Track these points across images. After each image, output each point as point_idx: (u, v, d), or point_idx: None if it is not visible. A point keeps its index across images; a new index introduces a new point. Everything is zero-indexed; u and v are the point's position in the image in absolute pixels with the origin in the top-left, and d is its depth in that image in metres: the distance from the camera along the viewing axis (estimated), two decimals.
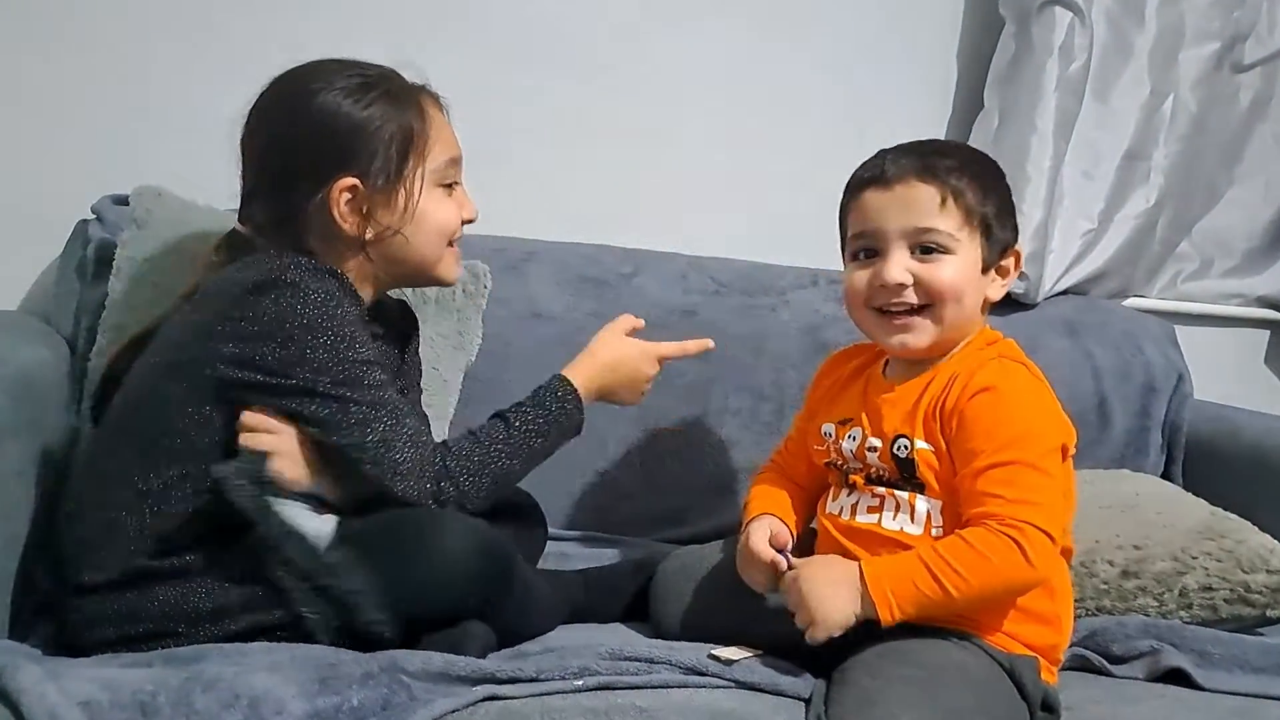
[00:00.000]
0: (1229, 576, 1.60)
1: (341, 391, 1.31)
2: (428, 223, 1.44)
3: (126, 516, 1.30)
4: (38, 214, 1.89)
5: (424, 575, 1.26)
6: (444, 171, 1.46)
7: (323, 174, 1.39)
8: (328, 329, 1.31)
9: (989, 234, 1.40)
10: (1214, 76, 2.36)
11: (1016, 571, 1.26)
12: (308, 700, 1.09)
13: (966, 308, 1.40)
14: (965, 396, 1.34)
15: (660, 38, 2.18)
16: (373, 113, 1.40)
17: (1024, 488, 1.28)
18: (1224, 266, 2.52)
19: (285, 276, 1.31)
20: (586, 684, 1.22)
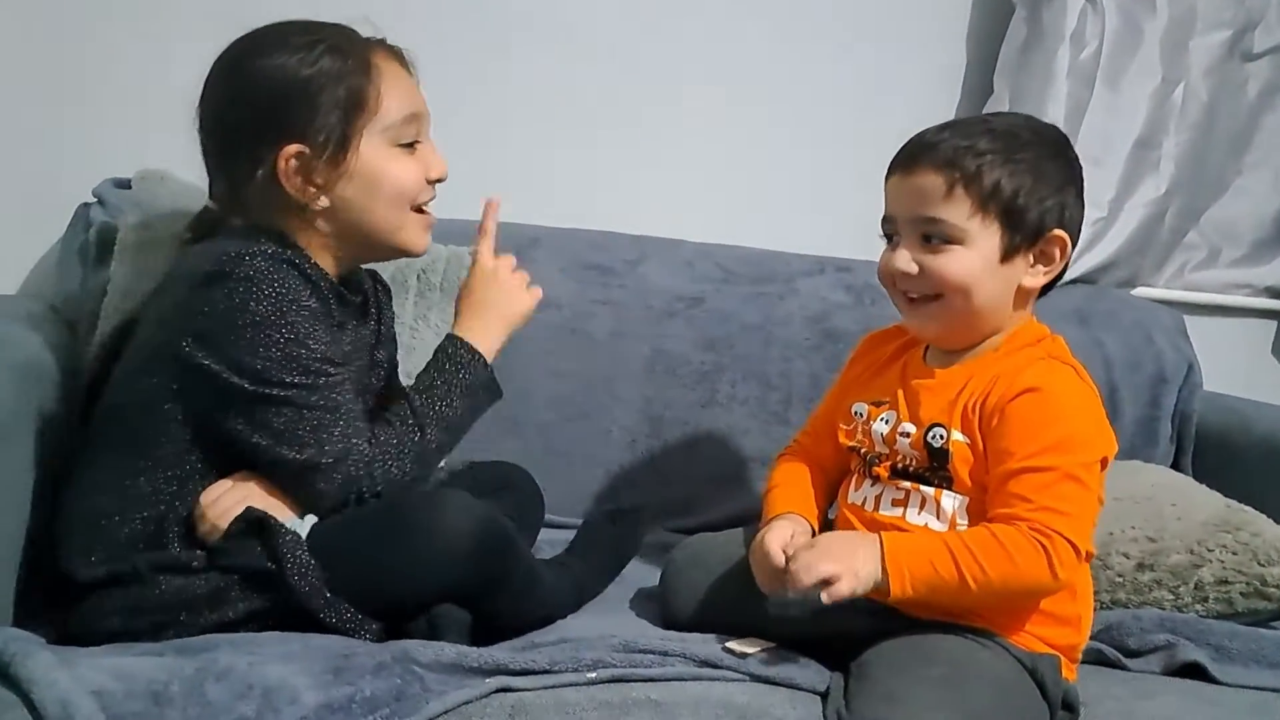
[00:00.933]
0: (1245, 569, 1.59)
1: (293, 395, 1.27)
2: (383, 185, 1.36)
3: (120, 524, 1.29)
4: (39, 197, 1.88)
5: (427, 556, 1.24)
6: (400, 129, 1.37)
7: (267, 142, 1.33)
8: (280, 325, 1.26)
9: (1011, 220, 1.33)
10: (1224, 65, 2.35)
11: (1038, 578, 1.24)
12: (321, 690, 1.08)
13: (983, 300, 1.35)
14: (1009, 395, 1.30)
15: (668, 23, 2.17)
16: (314, 71, 1.33)
17: (1058, 497, 1.25)
18: (1232, 256, 2.51)
19: (238, 270, 1.26)
20: (600, 676, 1.20)
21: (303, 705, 1.06)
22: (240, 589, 1.25)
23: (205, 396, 1.28)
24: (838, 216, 1.96)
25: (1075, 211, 1.38)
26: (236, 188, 1.35)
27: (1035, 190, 1.34)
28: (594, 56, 2.13)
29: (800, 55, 2.23)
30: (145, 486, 1.29)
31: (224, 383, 1.26)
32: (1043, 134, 1.40)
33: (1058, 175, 1.36)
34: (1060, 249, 1.36)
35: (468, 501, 1.29)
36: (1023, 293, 1.38)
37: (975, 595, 1.25)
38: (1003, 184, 1.32)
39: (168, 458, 1.30)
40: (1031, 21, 2.19)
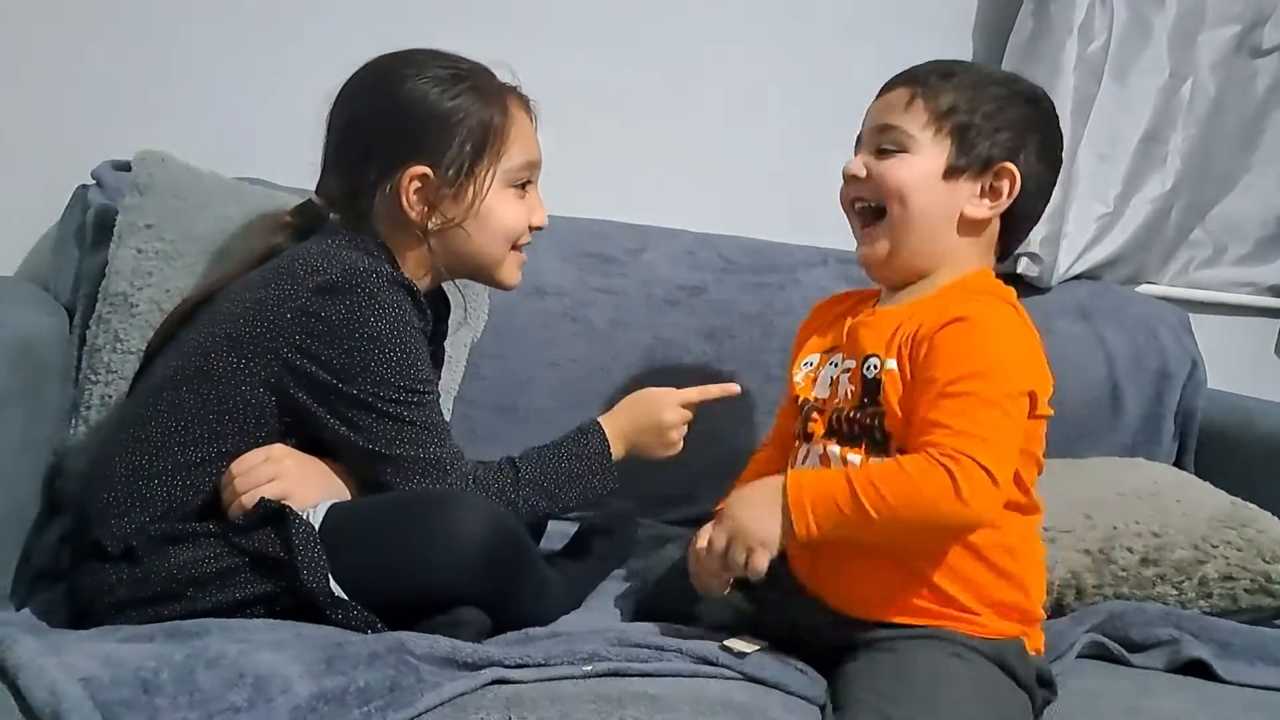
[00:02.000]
0: (1250, 566, 1.58)
1: (399, 411, 1.32)
2: (492, 221, 1.44)
3: (159, 486, 1.30)
4: (37, 178, 1.86)
5: (438, 556, 1.23)
6: (518, 173, 1.45)
7: (397, 158, 1.39)
8: (394, 344, 1.31)
9: (962, 140, 1.36)
10: (1233, 60, 2.33)
11: (944, 503, 1.19)
12: (313, 680, 1.06)
13: (918, 210, 1.37)
14: (938, 324, 1.29)
15: (672, 11, 2.16)
16: (456, 105, 1.40)
17: (974, 421, 1.22)
18: (1237, 254, 2.50)
19: (362, 285, 1.31)
20: (596, 669, 1.19)
21: (295, 695, 1.04)
22: (250, 571, 1.25)
23: (305, 396, 1.31)
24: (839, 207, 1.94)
25: (1036, 164, 1.39)
26: (357, 193, 1.41)
27: (993, 120, 1.37)
28: (600, 43, 2.12)
29: (806, 44, 2.22)
30: (196, 455, 1.31)
31: (330, 386, 1.31)
32: (1021, 85, 1.44)
33: (1022, 118, 1.39)
34: (1010, 183, 1.37)
35: (485, 505, 1.30)
36: (965, 222, 1.38)
37: (883, 526, 1.21)
38: (960, 105, 1.37)
39: (233, 433, 1.32)
40: (1039, 14, 2.17)
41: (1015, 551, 1.31)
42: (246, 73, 1.92)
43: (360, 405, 1.31)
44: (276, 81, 1.88)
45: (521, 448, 1.76)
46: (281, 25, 1.94)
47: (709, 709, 1.15)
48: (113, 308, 1.61)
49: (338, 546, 1.24)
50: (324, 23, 1.94)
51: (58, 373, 1.56)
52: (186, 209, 1.65)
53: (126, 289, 1.62)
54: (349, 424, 1.31)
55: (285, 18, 1.95)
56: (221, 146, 1.80)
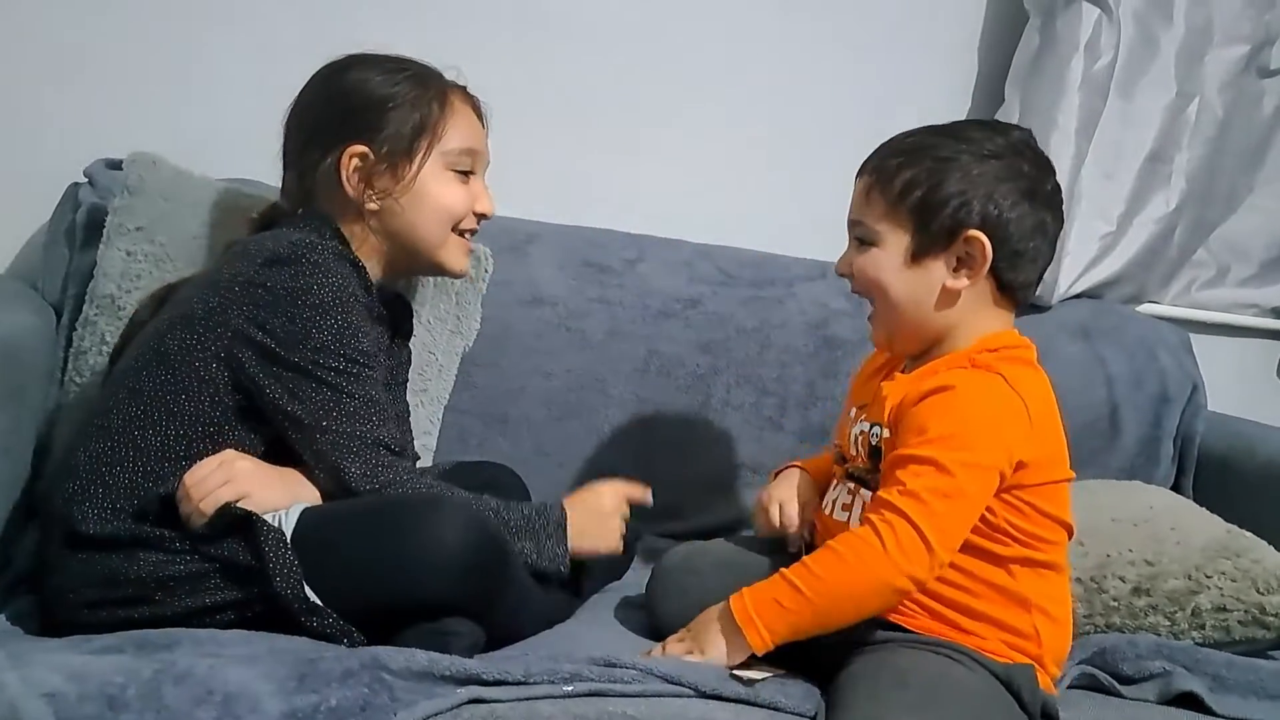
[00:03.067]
0: (1244, 597, 1.55)
1: (337, 380, 1.33)
2: (428, 198, 1.47)
3: (120, 473, 1.30)
4: (29, 175, 1.85)
5: (415, 561, 1.21)
6: (457, 157, 1.49)
7: (336, 138, 1.45)
8: (335, 312, 1.33)
9: (921, 220, 1.33)
10: (1241, 80, 2.31)
11: (873, 564, 1.23)
12: (284, 699, 1.04)
13: (899, 299, 1.36)
14: (922, 393, 1.31)
15: (676, 19, 2.14)
16: (395, 90, 1.46)
17: (923, 484, 1.24)
18: (1240, 275, 2.48)
19: (308, 256, 1.34)
20: (577, 689, 1.17)
21: (264, 714, 1.02)
22: (220, 577, 1.25)
23: (250, 364, 1.32)
24: (842, 221, 1.92)
25: (1011, 211, 1.33)
26: (303, 177, 1.47)
27: (950, 188, 1.33)
28: (601, 51, 2.11)
29: (810, 57, 2.21)
30: (155, 439, 1.32)
31: (272, 353, 1.31)
32: (994, 138, 1.37)
33: (989, 174, 1.33)
34: (980, 251, 1.33)
35: (468, 513, 1.28)
36: (949, 295, 1.35)
37: (826, 604, 1.25)
38: (913, 183, 1.34)
39: (190, 414, 1.32)
40: (1045, 30, 2.15)
41: (1030, 608, 1.32)
42: (246, 73, 1.91)
43: (300, 371, 1.32)
44: (275, 82, 1.87)
45: (510, 457, 1.76)
46: (283, 31, 1.93)
47: None
48: (100, 310, 1.61)
49: (312, 552, 1.22)
50: (323, 25, 1.93)
51: (42, 374, 1.55)
52: (177, 212, 1.64)
53: (114, 291, 1.61)
54: (289, 393, 1.32)
55: (285, 21, 1.94)
56: (217, 148, 1.79)
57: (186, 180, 1.68)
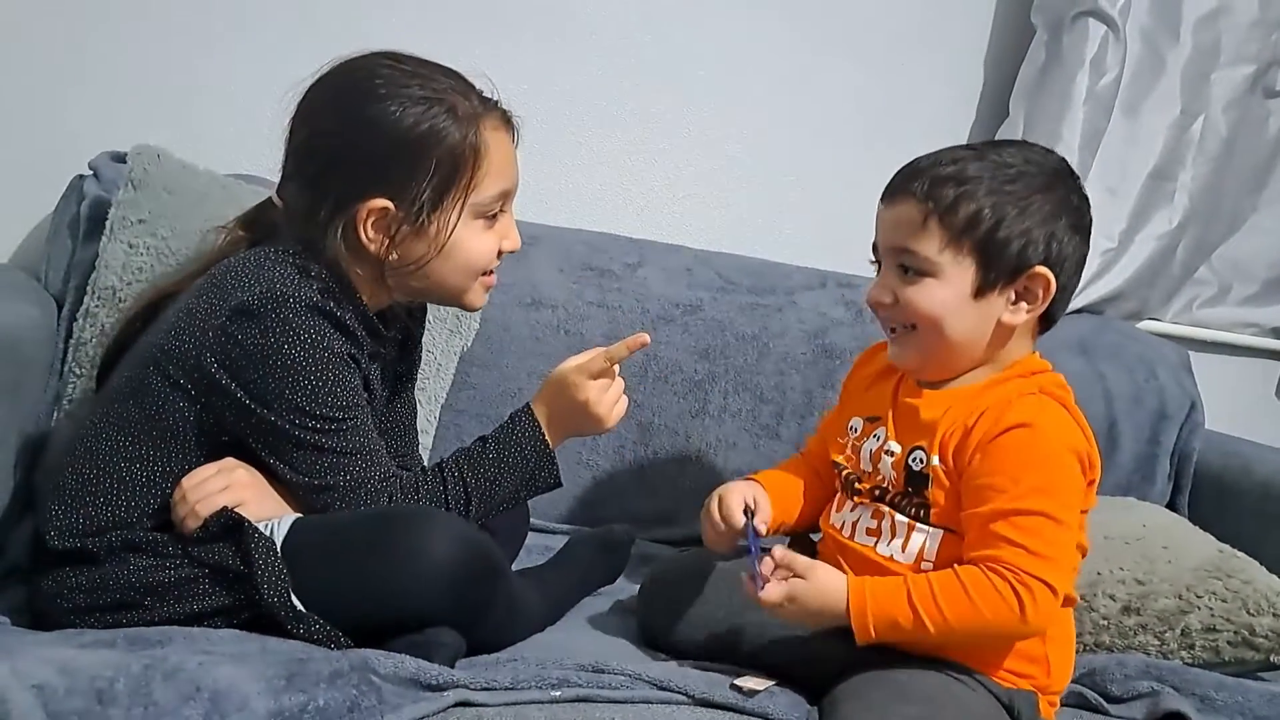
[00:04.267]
0: (1234, 618, 1.56)
1: (318, 440, 1.28)
2: (457, 256, 1.36)
3: (107, 493, 1.28)
4: (35, 166, 1.86)
5: (403, 575, 1.21)
6: (490, 204, 1.37)
7: (356, 188, 1.31)
8: (307, 372, 1.26)
9: (986, 255, 1.29)
10: (1246, 100, 2.33)
11: (1006, 624, 1.23)
12: (272, 697, 1.04)
13: (956, 335, 1.32)
14: (996, 430, 1.27)
15: (681, 27, 2.15)
16: (425, 132, 1.31)
17: (1047, 542, 1.23)
18: (1242, 294, 2.49)
19: (277, 313, 1.26)
20: (564, 695, 1.18)
21: (252, 712, 1.02)
22: (209, 583, 1.24)
23: (225, 411, 1.28)
24: (844, 231, 1.92)
25: (1068, 246, 1.32)
26: (312, 212, 1.33)
27: (1016, 224, 1.29)
28: (607, 56, 2.12)
29: (817, 67, 2.22)
30: (142, 474, 1.29)
31: (248, 409, 1.27)
32: (1039, 163, 1.35)
33: (1046, 208, 1.31)
34: (1043, 287, 1.31)
35: (457, 526, 1.27)
36: (1003, 329, 1.33)
37: (938, 639, 1.24)
38: (978, 217, 1.29)
39: (173, 451, 1.29)
40: (1051, 45, 2.17)
41: (1046, 638, 1.32)
42: (251, 69, 1.92)
43: (280, 433, 1.27)
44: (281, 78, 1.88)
45: None
46: (290, 28, 1.94)
47: None
48: (101, 302, 1.61)
49: (302, 562, 1.22)
50: (330, 22, 1.94)
51: (41, 365, 1.55)
52: (180, 205, 1.64)
53: (116, 283, 1.61)
54: (273, 451, 1.29)
55: (292, 16, 1.94)
56: (222, 142, 1.81)
57: (190, 174, 1.68)
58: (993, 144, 1.38)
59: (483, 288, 1.43)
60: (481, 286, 1.42)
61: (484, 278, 1.42)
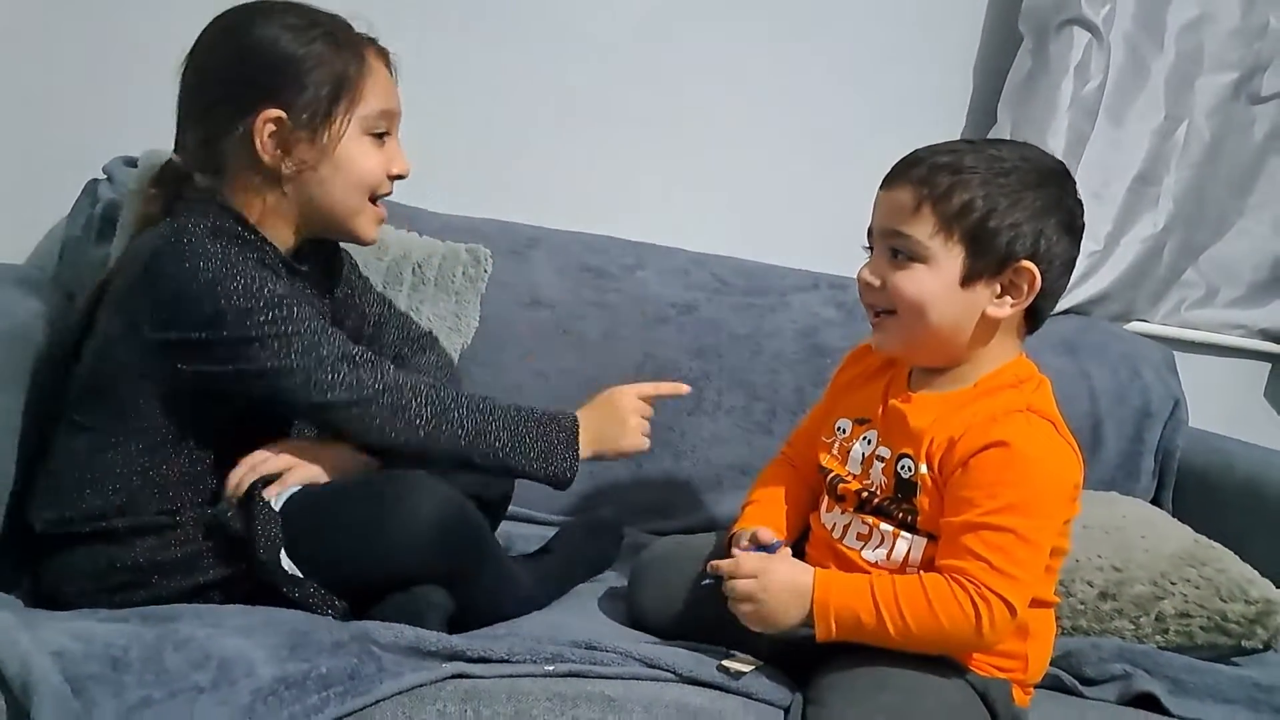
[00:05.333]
0: (1207, 604, 1.60)
1: (276, 329, 1.31)
2: (348, 167, 1.41)
3: (89, 489, 1.33)
4: (49, 170, 1.91)
5: (391, 536, 1.26)
6: (374, 120, 1.43)
7: (250, 102, 1.37)
8: (230, 278, 1.30)
9: (975, 244, 1.31)
10: (1230, 106, 2.36)
11: (961, 635, 1.25)
12: (277, 665, 1.10)
13: (938, 321, 1.33)
14: (977, 446, 1.29)
15: (678, 32, 2.20)
16: (310, 50, 1.38)
17: (1011, 559, 1.25)
18: (1229, 296, 2.52)
19: (180, 240, 1.32)
20: (558, 669, 1.23)
21: (258, 678, 1.08)
22: (212, 557, 1.29)
23: (186, 365, 1.31)
24: (835, 234, 1.96)
25: (1056, 245, 1.33)
26: (210, 141, 1.39)
27: (1006, 216, 1.31)
28: (604, 60, 2.16)
29: (808, 73, 2.26)
30: (117, 458, 1.33)
31: (201, 342, 1.30)
32: (1035, 161, 1.36)
33: (1038, 204, 1.32)
34: (1029, 281, 1.32)
35: (440, 489, 1.31)
36: (987, 322, 1.34)
37: (899, 641, 1.27)
38: (970, 205, 1.30)
39: (140, 430, 1.33)
40: (1037, 53, 2.21)
41: (1026, 635, 1.35)
42: None
43: (240, 341, 1.30)
44: None
45: None
46: None
47: (663, 710, 1.21)
48: None
49: (300, 527, 1.27)
50: None
51: (56, 358, 1.60)
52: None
53: None
54: (244, 366, 1.31)
55: None
56: None
57: None
58: (992, 140, 1.40)
59: (374, 218, 1.46)
60: (372, 214, 1.46)
61: (374, 207, 1.46)
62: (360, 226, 1.46)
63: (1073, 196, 1.38)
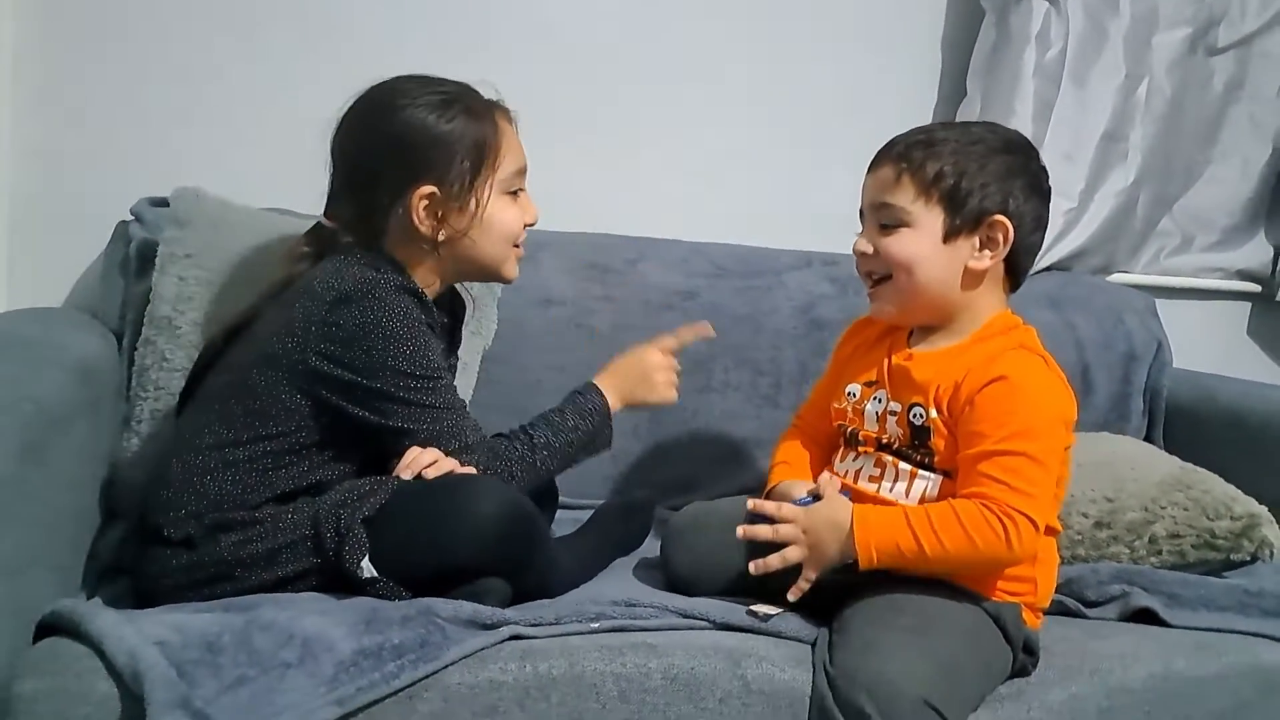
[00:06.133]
0: (1195, 524, 1.70)
1: (418, 397, 1.47)
2: (494, 227, 1.59)
3: (211, 482, 1.45)
4: (78, 217, 2.01)
5: (458, 532, 1.37)
6: (511, 180, 1.60)
7: (405, 182, 1.54)
8: (405, 340, 1.46)
9: (952, 203, 1.47)
10: (1188, 60, 2.46)
11: (994, 552, 1.38)
12: (354, 639, 1.22)
13: (927, 277, 1.48)
14: (980, 384, 1.42)
15: (657, 34, 2.28)
16: (453, 127, 1.55)
17: (1026, 479, 1.38)
18: (1205, 242, 2.61)
19: (370, 292, 1.46)
20: (603, 626, 1.35)
21: (339, 652, 1.20)
22: (290, 551, 1.41)
23: (335, 397, 1.46)
24: (823, 213, 2.05)
25: (1025, 205, 1.50)
26: (370, 215, 1.56)
27: (976, 178, 1.47)
28: (589, 70, 2.24)
29: (785, 62, 2.34)
30: (243, 455, 1.46)
31: (353, 383, 1.46)
32: (1000, 134, 1.55)
33: (1004, 167, 1.49)
34: (1003, 234, 1.48)
35: (499, 488, 1.44)
36: (971, 274, 1.49)
37: (935, 563, 1.39)
38: (944, 171, 1.47)
39: (276, 436, 1.47)
40: (1000, 25, 2.30)
41: (1036, 560, 1.47)
42: (272, 113, 2.08)
43: (384, 396, 1.46)
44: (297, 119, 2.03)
45: None
46: (298, 61, 2.10)
47: (700, 651, 1.33)
48: (158, 330, 1.76)
49: (377, 529, 1.39)
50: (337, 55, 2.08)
51: (113, 390, 1.72)
52: (223, 239, 1.79)
53: (170, 313, 1.76)
54: (378, 413, 1.46)
55: (302, 53, 2.11)
56: (250, 182, 1.94)
57: (229, 210, 1.83)
58: (963, 122, 1.56)
59: (516, 259, 1.65)
60: (515, 257, 1.65)
61: (515, 249, 1.64)
62: (508, 270, 1.66)
63: (1037, 162, 1.54)
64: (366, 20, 2.13)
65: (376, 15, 2.14)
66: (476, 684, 1.26)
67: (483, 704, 1.25)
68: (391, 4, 2.14)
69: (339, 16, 2.12)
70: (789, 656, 1.37)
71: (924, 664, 1.31)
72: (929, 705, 1.27)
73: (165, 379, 1.75)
